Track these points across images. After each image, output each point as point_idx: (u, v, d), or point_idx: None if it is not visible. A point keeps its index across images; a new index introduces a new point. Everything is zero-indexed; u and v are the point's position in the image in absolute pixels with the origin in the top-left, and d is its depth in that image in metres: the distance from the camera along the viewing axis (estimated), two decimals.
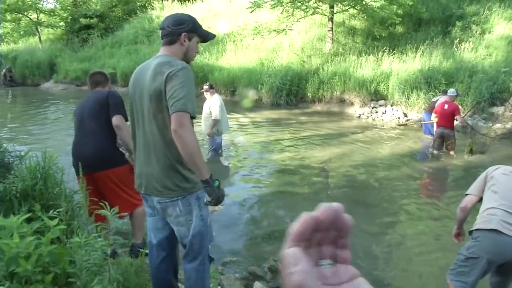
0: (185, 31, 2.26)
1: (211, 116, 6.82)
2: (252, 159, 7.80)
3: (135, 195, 3.50)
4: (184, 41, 2.27)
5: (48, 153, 3.32)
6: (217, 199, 2.14)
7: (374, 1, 14.53)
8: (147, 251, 3.35)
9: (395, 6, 14.29)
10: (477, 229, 2.65)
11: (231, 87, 15.43)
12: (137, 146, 2.34)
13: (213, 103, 6.79)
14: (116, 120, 3.29)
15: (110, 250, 2.19)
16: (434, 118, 8.00)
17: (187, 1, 26.54)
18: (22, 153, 3.69)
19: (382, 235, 4.67)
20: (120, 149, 3.46)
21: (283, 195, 5.96)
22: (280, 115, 12.35)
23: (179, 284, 2.88)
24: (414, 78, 11.50)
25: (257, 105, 14.08)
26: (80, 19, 24.62)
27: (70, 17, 25.73)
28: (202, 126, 7.22)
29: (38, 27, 26.22)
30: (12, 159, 3.50)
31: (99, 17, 24.95)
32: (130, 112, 2.35)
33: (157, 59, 2.22)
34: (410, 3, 13.57)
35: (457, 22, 14.40)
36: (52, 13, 26.15)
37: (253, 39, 16.14)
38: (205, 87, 6.98)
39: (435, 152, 7.84)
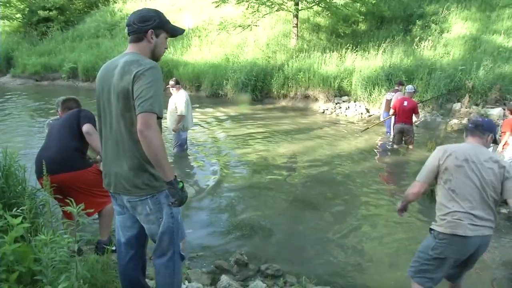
0: (151, 27, 2.20)
1: (176, 112, 6.78)
2: (217, 154, 7.82)
3: (102, 194, 3.49)
4: (152, 38, 2.22)
5: (9, 150, 3.25)
6: (180, 200, 2.13)
7: None
8: (113, 248, 3.34)
9: (358, 4, 14.62)
10: (443, 232, 2.71)
11: (196, 82, 15.35)
12: (104, 145, 2.30)
13: (178, 99, 6.75)
14: (86, 127, 3.36)
15: (77, 247, 2.18)
16: (391, 113, 8.30)
17: None
18: None
19: (344, 227, 4.82)
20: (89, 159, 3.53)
21: (248, 190, 6.03)
22: (245, 110, 12.40)
23: (148, 281, 2.89)
24: (376, 75, 11.84)
25: (222, 101, 14.07)
26: (38, 11, 23.69)
27: (28, 8, 24.71)
28: (167, 122, 7.17)
29: None
30: None
31: (58, 10, 24.11)
32: (97, 111, 2.30)
33: (125, 57, 2.18)
34: (373, 2, 13.92)
35: (417, 21, 14.90)
36: (7, 4, 25.01)
37: (218, 34, 16.10)
38: (171, 82, 6.92)
39: (395, 146, 8.14)
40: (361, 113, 11.67)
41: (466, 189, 2.69)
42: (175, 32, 2.36)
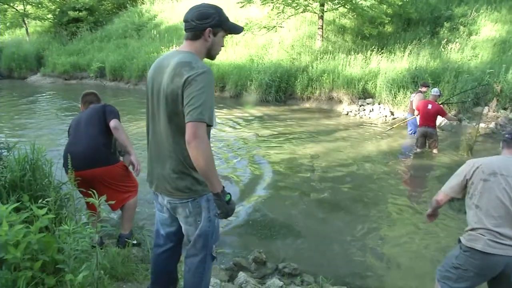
0: (210, 26, 2.10)
1: None
2: (240, 154, 7.87)
3: (126, 190, 3.58)
4: (209, 36, 2.13)
5: (36, 145, 3.36)
6: (226, 213, 2.07)
7: (365, 0, 14.67)
8: (134, 242, 3.41)
9: (384, 6, 14.43)
10: (465, 245, 2.62)
11: (221, 83, 15.46)
12: (150, 143, 2.28)
13: None
14: (113, 122, 3.42)
15: (98, 237, 2.24)
16: (416, 114, 8.17)
17: None
18: (10, 145, 3.71)
19: (365, 230, 4.78)
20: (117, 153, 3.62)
21: (270, 190, 6.04)
22: (269, 111, 12.41)
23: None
24: (402, 77, 11.66)
25: (246, 101, 14.13)
26: (68, 12, 24.34)
27: (58, 9, 25.43)
28: None
29: (25, 19, 25.87)
30: (0, 150, 3.52)
31: (88, 10, 24.72)
32: (146, 108, 2.27)
33: (178, 56, 2.09)
34: (400, 3, 13.73)
35: (445, 23, 14.60)
36: (39, 5, 25.80)
37: (244, 35, 16.16)
38: None
39: (418, 150, 7.99)
40: (386, 116, 11.52)
41: (491, 204, 2.55)
42: (234, 30, 2.28)
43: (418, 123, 8.10)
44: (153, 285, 2.51)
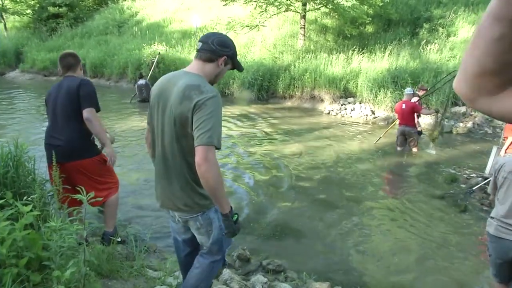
0: (226, 55, 2.22)
1: None
2: (222, 152, 7.90)
3: (107, 186, 3.56)
4: (221, 64, 2.23)
5: (19, 142, 3.34)
6: (233, 233, 2.18)
7: (346, 1, 14.86)
8: (118, 239, 3.42)
9: (365, 6, 14.65)
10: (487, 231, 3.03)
11: None
12: (157, 159, 2.32)
13: None
14: (86, 113, 3.26)
15: (86, 233, 2.26)
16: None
17: None
18: None
19: (347, 227, 4.88)
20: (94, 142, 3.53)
21: (250, 187, 6.10)
22: (250, 110, 12.47)
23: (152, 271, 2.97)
24: (382, 77, 11.86)
25: (228, 100, 14.16)
26: (48, 8, 23.95)
27: (38, 5, 24.98)
28: None
29: (3, 14, 25.32)
30: None
31: (68, 6, 24.37)
32: (150, 121, 2.33)
33: (187, 78, 2.14)
34: (380, 4, 13.94)
35: (424, 24, 14.91)
36: (18, 0, 25.29)
37: (226, 33, 16.15)
38: None
39: (398, 149, 8.16)
40: (366, 115, 11.70)
41: (508, 199, 2.89)
42: (238, 67, 2.41)
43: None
44: None
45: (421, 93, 8.87)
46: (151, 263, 3.54)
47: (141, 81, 13.20)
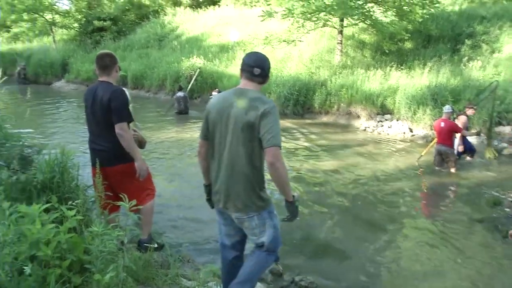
0: (267, 75, 2.64)
1: None
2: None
3: (147, 191, 3.64)
4: (264, 82, 2.64)
5: (65, 149, 3.50)
6: (295, 216, 2.62)
7: (385, 16, 14.73)
8: (155, 246, 3.49)
9: (405, 22, 14.47)
10: None
11: None
12: (217, 164, 2.62)
13: None
14: (117, 128, 3.32)
15: (127, 239, 2.33)
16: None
17: (199, 8, 26.93)
18: (40, 148, 3.86)
19: (382, 247, 4.78)
20: None
21: None
22: (286, 124, 12.48)
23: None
24: (421, 94, 11.61)
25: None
26: (93, 21, 25.03)
27: (84, 19, 26.17)
28: None
29: (53, 27, 26.67)
30: (31, 153, 3.67)
31: (112, 20, 25.36)
32: (212, 132, 2.62)
33: (248, 93, 2.53)
34: (420, 20, 13.73)
35: (466, 40, 14.54)
36: (66, 14, 26.60)
37: (263, 48, 16.34)
38: (214, 93, 7.17)
39: (436, 168, 7.93)
40: (404, 133, 11.46)
41: None
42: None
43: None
44: None
45: (469, 112, 8.42)
46: (185, 273, 3.58)
47: (180, 93, 13.49)
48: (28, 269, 2.11)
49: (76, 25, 26.74)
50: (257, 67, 2.57)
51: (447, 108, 7.84)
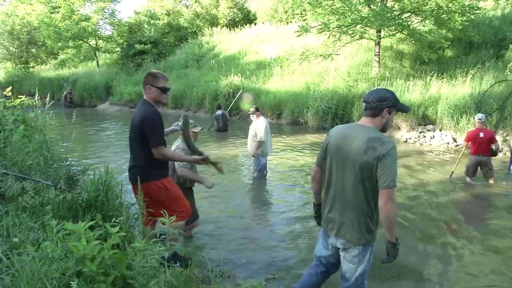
0: (387, 107, 2.62)
1: (256, 138, 7.05)
2: (296, 180, 7.90)
3: (171, 212, 3.64)
4: (385, 114, 2.65)
5: (109, 168, 3.63)
6: (395, 257, 2.70)
7: (423, 25, 14.43)
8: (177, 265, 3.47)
9: (444, 30, 14.11)
10: None
11: (277, 110, 15.71)
12: (333, 195, 2.79)
13: (259, 125, 7.03)
14: (155, 153, 3.46)
15: (168, 254, 2.37)
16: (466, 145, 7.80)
17: (235, 27, 27.46)
18: (85, 168, 4.03)
19: (425, 259, 4.61)
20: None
21: None
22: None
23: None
24: (464, 103, 11.24)
25: (303, 128, 14.21)
26: (135, 45, 26.02)
27: (126, 43, 27.24)
28: (248, 147, 7.46)
29: (97, 52, 27.95)
30: (77, 173, 3.83)
31: (152, 43, 26.27)
32: (330, 163, 2.78)
33: (365, 131, 2.63)
34: (460, 27, 13.35)
35: (511, 45, 13.97)
36: (109, 40, 27.82)
37: (300, 63, 16.39)
38: (252, 109, 7.25)
39: (468, 179, 7.59)
40: (447, 143, 11.09)
41: None
42: (403, 110, 2.76)
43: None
44: None
45: None
46: None
47: (219, 112, 13.72)
48: (75, 284, 2.19)
49: (118, 49, 27.87)
50: (364, 102, 2.70)
51: (481, 117, 7.53)
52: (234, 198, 6.67)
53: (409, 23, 13.77)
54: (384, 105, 2.61)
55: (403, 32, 14.19)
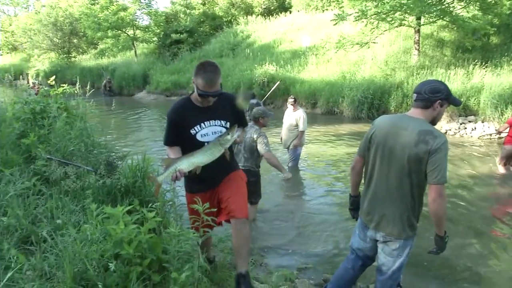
0: (440, 99, 2.52)
1: (296, 128, 7.07)
2: (330, 171, 7.83)
3: None
4: (437, 107, 2.54)
5: (146, 155, 3.72)
6: (442, 250, 2.66)
7: (467, 11, 13.82)
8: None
9: (490, 16, 13.45)
10: None
11: (312, 99, 15.56)
12: (374, 186, 2.73)
13: (299, 116, 7.05)
14: None
15: (201, 241, 2.42)
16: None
17: (270, 16, 27.27)
18: (123, 155, 4.15)
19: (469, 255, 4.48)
20: None
21: None
22: (361, 128, 12.17)
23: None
24: (510, 93, 10.73)
25: (338, 118, 14.03)
26: (171, 35, 26.35)
27: (162, 32, 27.63)
28: (283, 137, 7.44)
29: (134, 42, 28.50)
30: (115, 159, 3.95)
31: (188, 33, 26.50)
32: (374, 154, 2.70)
33: (415, 123, 2.53)
34: (508, 12, 12.69)
35: None
36: (146, 29, 28.28)
37: (336, 52, 16.11)
38: (291, 100, 7.24)
39: (503, 171, 7.30)
40: (490, 135, 10.65)
41: None
42: (455, 103, 2.65)
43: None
44: None
45: None
46: (258, 276, 3.63)
47: (253, 101, 13.71)
48: (113, 266, 2.27)
49: (155, 39, 28.31)
50: (414, 93, 2.60)
51: None
52: (268, 187, 6.69)
53: (451, 9, 13.20)
54: (437, 97, 2.51)
55: (445, 18, 13.64)
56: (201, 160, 2.65)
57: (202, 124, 2.86)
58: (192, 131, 2.84)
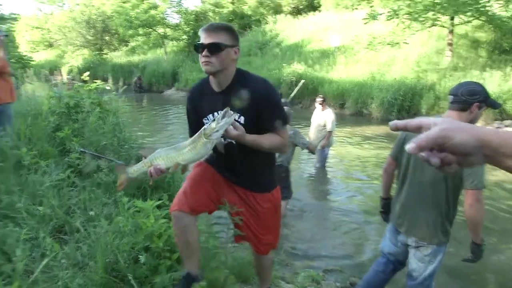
0: (477, 101, 2.41)
1: (324, 128, 6.99)
2: (359, 173, 7.73)
3: None
4: (474, 110, 2.43)
5: None
6: (478, 259, 2.53)
7: (505, 10, 13.35)
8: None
9: None
10: None
11: (341, 100, 15.39)
12: (407, 189, 2.66)
13: (328, 116, 6.97)
14: None
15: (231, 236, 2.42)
16: None
17: (299, 15, 27.15)
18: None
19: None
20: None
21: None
22: (390, 130, 11.92)
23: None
24: None
25: (367, 119, 13.84)
26: None
27: (192, 31, 27.90)
28: (311, 137, 7.39)
29: (164, 40, 28.91)
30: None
31: None
32: (407, 155, 2.63)
33: None
34: None
35: None
36: (176, 28, 28.64)
37: (367, 52, 15.89)
38: (320, 99, 7.18)
39: None
40: None
41: None
42: (494, 106, 2.53)
43: None
44: None
45: None
46: (284, 275, 3.62)
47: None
48: (143, 258, 2.31)
49: (184, 37, 28.61)
50: (450, 94, 2.49)
51: None
52: (297, 188, 6.66)
53: (487, 8, 12.78)
54: (474, 99, 2.39)
55: (481, 18, 13.25)
56: (182, 157, 1.98)
57: (216, 114, 2.16)
58: (205, 120, 2.24)
